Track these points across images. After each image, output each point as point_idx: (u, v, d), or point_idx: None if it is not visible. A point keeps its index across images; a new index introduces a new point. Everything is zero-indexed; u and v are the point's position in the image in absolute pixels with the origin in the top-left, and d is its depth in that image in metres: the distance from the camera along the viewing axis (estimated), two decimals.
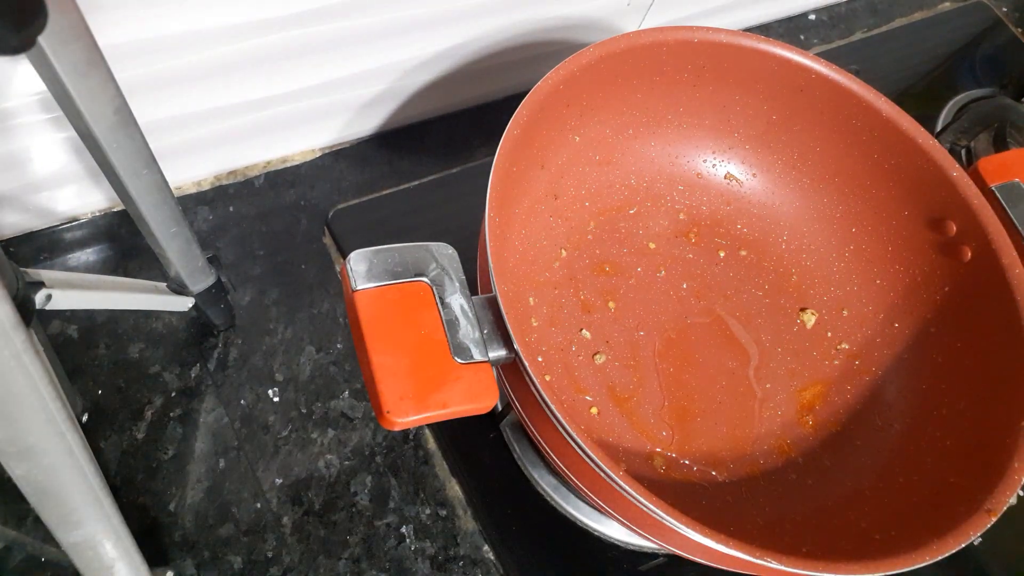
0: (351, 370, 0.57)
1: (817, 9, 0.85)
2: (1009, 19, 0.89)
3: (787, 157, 0.60)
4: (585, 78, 0.51)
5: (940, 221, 0.54)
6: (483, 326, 0.41)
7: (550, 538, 0.54)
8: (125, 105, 0.36)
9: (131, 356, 0.54)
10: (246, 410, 0.54)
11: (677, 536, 0.40)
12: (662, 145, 0.60)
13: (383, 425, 0.38)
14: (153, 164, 0.40)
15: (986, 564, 0.59)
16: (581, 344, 0.55)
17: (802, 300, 0.59)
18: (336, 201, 0.62)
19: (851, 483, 0.52)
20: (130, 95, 0.37)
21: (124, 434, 0.52)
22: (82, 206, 0.57)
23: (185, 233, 0.46)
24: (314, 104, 0.59)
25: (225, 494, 0.52)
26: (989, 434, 0.47)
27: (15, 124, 0.48)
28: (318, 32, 0.53)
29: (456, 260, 0.42)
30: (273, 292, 0.58)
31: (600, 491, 0.42)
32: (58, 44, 0.31)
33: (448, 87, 0.65)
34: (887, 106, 0.54)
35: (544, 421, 0.41)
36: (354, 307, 0.39)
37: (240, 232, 0.60)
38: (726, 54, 0.55)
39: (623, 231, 0.59)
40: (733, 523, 0.50)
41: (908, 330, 0.56)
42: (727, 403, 0.55)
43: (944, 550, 0.40)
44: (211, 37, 0.50)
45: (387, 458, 0.54)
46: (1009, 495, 0.42)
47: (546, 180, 0.56)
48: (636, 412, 0.54)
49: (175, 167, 0.58)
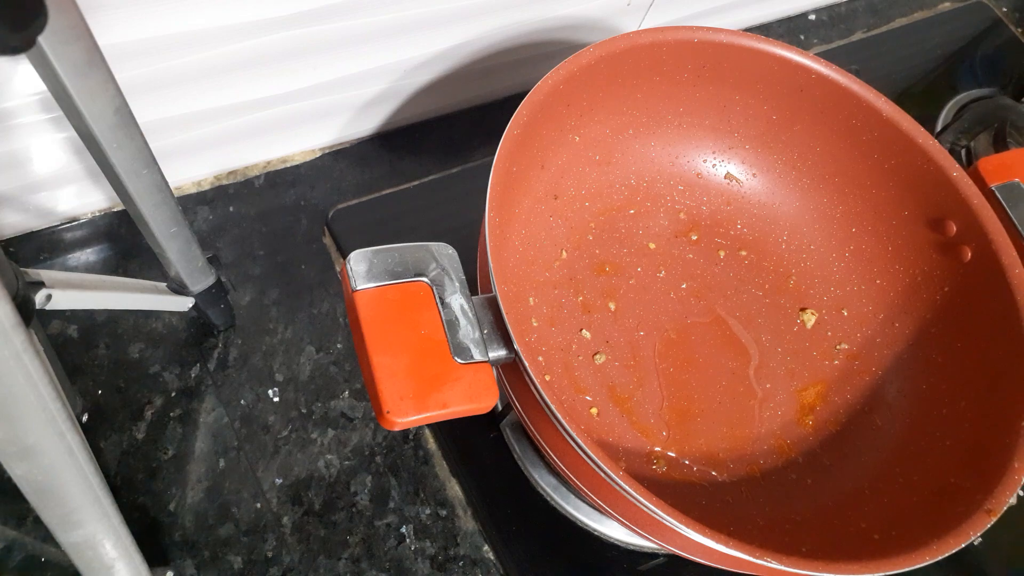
0: (351, 370, 0.57)
1: (817, 9, 0.85)
2: (1009, 19, 0.89)
3: (787, 157, 0.60)
4: (585, 78, 0.51)
5: (940, 221, 0.54)
6: (483, 326, 0.41)
7: (550, 538, 0.54)
8: (125, 105, 0.36)
9: (131, 356, 0.54)
10: (246, 410, 0.54)
11: (677, 536, 0.40)
12: (662, 145, 0.60)
13: (383, 425, 0.38)
14: (153, 164, 0.40)
15: (986, 564, 0.59)
16: (581, 344, 0.55)
17: (802, 300, 0.59)
18: (336, 201, 0.62)
19: (851, 483, 0.52)
20: (130, 95, 0.37)
21: (124, 434, 0.52)
22: (82, 206, 0.57)
23: (185, 233, 0.46)
24: (314, 104, 0.59)
25: (225, 494, 0.52)
26: (989, 434, 0.47)
27: (15, 124, 0.48)
28: (318, 32, 0.53)
29: (456, 260, 0.42)
30: (273, 292, 0.58)
31: (600, 491, 0.42)
32: (58, 44, 0.31)
33: (448, 87, 0.65)
34: (887, 106, 0.54)
35: (544, 421, 0.41)
36: (354, 307, 0.39)
37: (240, 232, 0.60)
38: (726, 54, 0.55)
39: (623, 231, 0.59)
40: (733, 523, 0.50)
41: (908, 330, 0.56)
42: (727, 403, 0.55)
43: (944, 550, 0.41)
44: (211, 37, 0.50)
45: (387, 458, 0.54)
46: (1009, 495, 0.43)
47: (546, 180, 0.56)
48: (636, 412, 0.54)
49: (175, 167, 0.58)
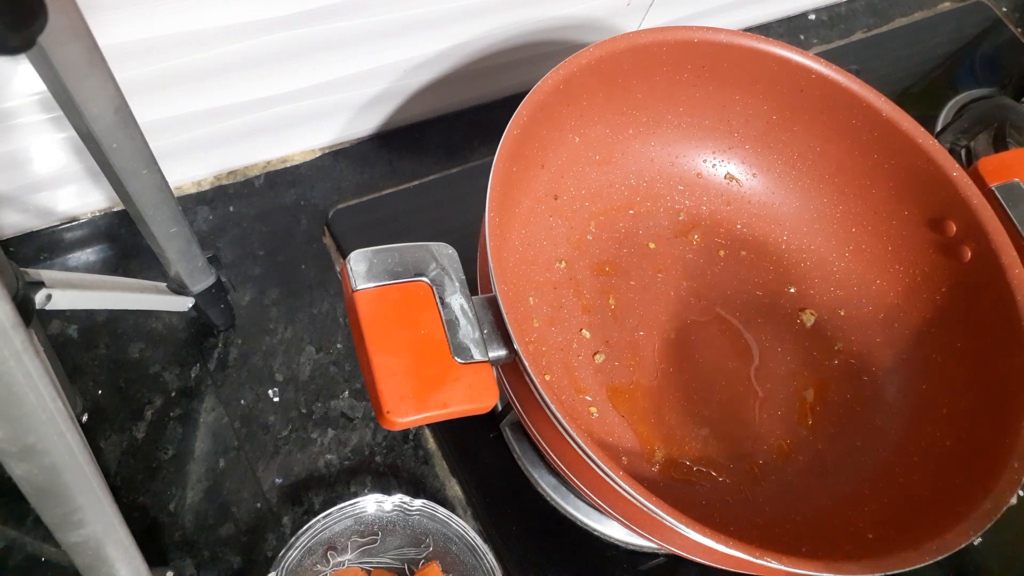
0: (351, 370, 0.57)
1: (817, 9, 0.85)
2: (1009, 19, 0.89)
3: (787, 157, 0.60)
4: (585, 78, 0.51)
5: (940, 221, 0.54)
6: (483, 326, 0.41)
7: (550, 538, 0.54)
8: (125, 105, 0.36)
9: (131, 356, 0.54)
10: (246, 410, 0.54)
11: (677, 536, 0.40)
12: (662, 145, 0.60)
13: (383, 425, 0.38)
14: (153, 164, 0.40)
15: (986, 564, 0.59)
16: (581, 344, 0.55)
17: (802, 300, 0.59)
18: (336, 201, 0.62)
19: (851, 483, 0.52)
20: (130, 95, 0.37)
21: (124, 434, 0.52)
22: (82, 206, 0.57)
23: (185, 233, 0.46)
24: (314, 104, 0.59)
25: (225, 494, 0.52)
26: (989, 434, 0.47)
27: (15, 124, 0.48)
28: (318, 32, 0.53)
29: (456, 260, 0.42)
30: (273, 292, 0.58)
31: (600, 491, 0.42)
32: (58, 44, 0.31)
33: (448, 87, 0.65)
34: (887, 106, 0.54)
35: (544, 421, 0.41)
36: (354, 307, 0.39)
37: (240, 232, 0.60)
38: (726, 54, 0.55)
39: (623, 231, 0.59)
40: (733, 523, 0.50)
41: (908, 330, 0.56)
42: (727, 403, 0.55)
43: (944, 550, 0.40)
44: (211, 37, 0.50)
45: (387, 458, 0.54)
46: (1009, 495, 0.42)
47: (546, 180, 0.56)
48: (636, 412, 0.54)
49: (175, 167, 0.58)
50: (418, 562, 0.49)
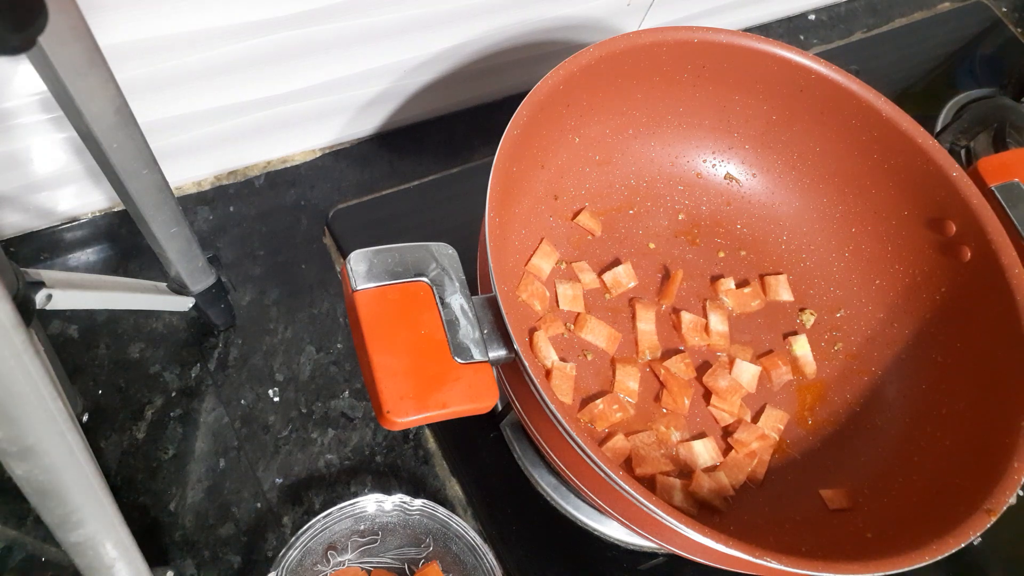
0: (351, 370, 0.57)
1: (817, 9, 0.85)
2: (1009, 19, 0.89)
3: (787, 157, 0.60)
4: (585, 78, 0.51)
5: (940, 221, 0.54)
6: (483, 326, 0.41)
7: (550, 538, 0.54)
8: (125, 105, 0.36)
9: (131, 356, 0.54)
10: (246, 410, 0.54)
11: (677, 536, 0.40)
12: (662, 145, 0.60)
13: (383, 425, 0.38)
14: (153, 164, 0.40)
15: (986, 564, 0.59)
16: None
17: (802, 300, 0.59)
18: (336, 201, 0.62)
19: (851, 483, 0.52)
20: (130, 95, 0.37)
21: (124, 434, 0.52)
22: (82, 206, 0.57)
23: (185, 233, 0.46)
24: (314, 104, 0.59)
25: (225, 494, 0.52)
26: (989, 434, 0.47)
27: (15, 124, 0.48)
28: (318, 32, 0.53)
29: (456, 260, 0.42)
30: (273, 292, 0.58)
31: (600, 491, 0.42)
32: (58, 44, 0.31)
33: (448, 87, 0.65)
34: (887, 106, 0.54)
35: (544, 421, 0.41)
36: (354, 307, 0.39)
37: (240, 232, 0.60)
38: (726, 54, 0.55)
39: (623, 231, 0.59)
40: (733, 523, 0.50)
41: (908, 330, 0.56)
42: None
43: (944, 550, 0.41)
44: (211, 37, 0.50)
45: (387, 458, 0.54)
46: (1009, 495, 0.43)
47: (546, 180, 0.56)
48: (636, 411, 0.54)
49: (175, 167, 0.58)
50: (418, 562, 0.49)
